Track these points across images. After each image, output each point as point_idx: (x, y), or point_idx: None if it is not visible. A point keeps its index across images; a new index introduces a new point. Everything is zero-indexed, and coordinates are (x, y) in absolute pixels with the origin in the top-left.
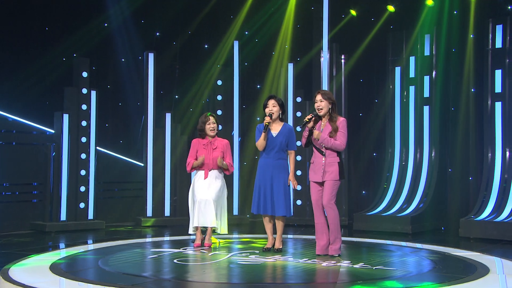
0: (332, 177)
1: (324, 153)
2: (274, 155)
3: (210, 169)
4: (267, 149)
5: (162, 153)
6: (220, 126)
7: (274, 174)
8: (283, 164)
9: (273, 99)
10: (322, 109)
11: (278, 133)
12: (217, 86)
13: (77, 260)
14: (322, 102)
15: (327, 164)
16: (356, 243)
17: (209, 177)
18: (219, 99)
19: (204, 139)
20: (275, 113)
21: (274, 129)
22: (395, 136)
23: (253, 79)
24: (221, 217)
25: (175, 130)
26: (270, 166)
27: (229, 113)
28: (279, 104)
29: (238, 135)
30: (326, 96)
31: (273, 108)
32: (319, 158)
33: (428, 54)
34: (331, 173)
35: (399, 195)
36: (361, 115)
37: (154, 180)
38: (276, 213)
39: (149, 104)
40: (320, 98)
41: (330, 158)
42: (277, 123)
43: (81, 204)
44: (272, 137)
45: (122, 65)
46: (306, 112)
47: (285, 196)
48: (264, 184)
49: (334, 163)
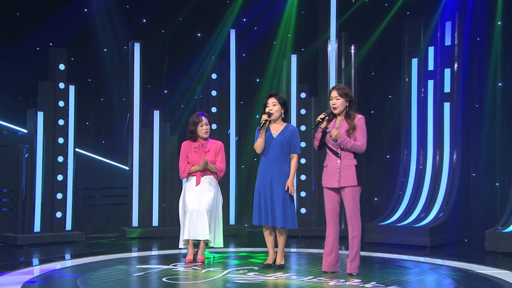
0: (349, 183)
1: (339, 155)
2: (275, 158)
3: (203, 175)
4: (267, 152)
5: (150, 155)
6: (214, 125)
7: (274, 180)
8: (285, 169)
9: (273, 97)
10: (337, 107)
11: (279, 134)
12: (212, 80)
13: (52, 280)
14: (338, 99)
15: (342, 167)
16: (367, 258)
17: (201, 184)
18: (213, 95)
19: (196, 141)
20: (275, 112)
21: (275, 130)
22: (411, 137)
23: (252, 72)
24: (215, 229)
25: (164, 130)
26: (270, 171)
27: (224, 110)
28: (280, 102)
29: (235, 134)
30: (342, 92)
31: (273, 107)
32: (333, 161)
33: (450, 43)
34: (348, 178)
35: (416, 203)
36: (373, 112)
37: (141, 185)
38: (278, 224)
39: (135, 100)
40: (336, 95)
41: (346, 161)
42: (278, 124)
43: (57, 213)
44: (272, 138)
45: (105, 56)
46: (311, 109)
47: (288, 206)
48: (264, 191)
49: (350, 166)
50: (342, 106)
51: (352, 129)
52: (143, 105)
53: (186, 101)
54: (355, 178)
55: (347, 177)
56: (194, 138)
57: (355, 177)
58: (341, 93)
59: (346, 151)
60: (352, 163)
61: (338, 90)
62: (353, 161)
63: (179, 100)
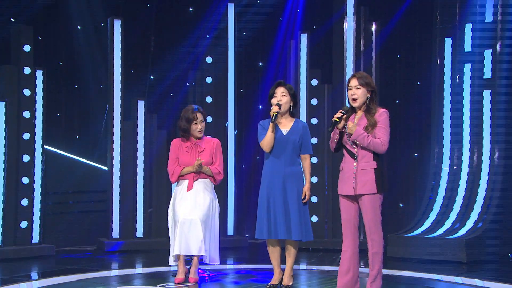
0: (367, 190)
1: (356, 157)
2: (286, 159)
3: (197, 178)
4: (276, 152)
5: (133, 154)
6: (209, 117)
7: (288, 185)
8: (298, 172)
9: (282, 86)
10: (357, 99)
11: (289, 130)
12: (206, 65)
13: None
14: (358, 89)
15: (359, 171)
16: (391, 278)
17: (194, 189)
18: (208, 82)
19: (188, 140)
20: (284, 104)
21: (284, 126)
22: (443, 131)
23: (254, 55)
24: (210, 242)
25: (150, 123)
26: (280, 174)
27: (221, 100)
28: (290, 93)
29: (234, 128)
30: (364, 81)
31: (282, 98)
32: (349, 164)
33: (491, 20)
34: (365, 184)
35: (450, 211)
36: (398, 102)
37: (122, 189)
38: (294, 236)
39: (115, 87)
40: (356, 84)
41: (364, 163)
42: (287, 119)
43: (22, 223)
44: (282, 135)
45: (79, 35)
46: (324, 99)
47: (303, 215)
48: (274, 198)
49: (368, 170)
50: (362, 97)
51: (372, 126)
52: (125, 94)
53: (176, 89)
54: (374, 184)
55: (364, 183)
56: (186, 137)
57: (374, 183)
58: (362, 82)
59: (364, 149)
60: (370, 166)
61: (359, 79)
62: (372, 164)
63: (168, 88)
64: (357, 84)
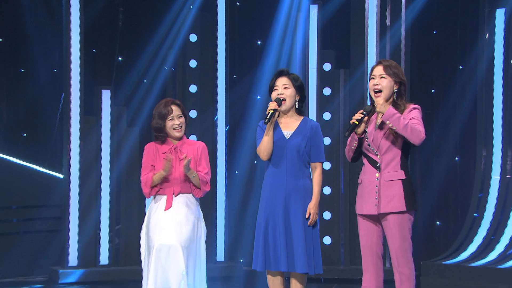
0: (394, 207)
1: (378, 165)
2: (289, 170)
3: (177, 193)
4: (277, 160)
5: (96, 158)
6: (193, 112)
7: (291, 203)
8: (306, 186)
9: (284, 76)
10: (381, 91)
11: (294, 132)
12: (190, 44)
13: None
14: (383, 78)
15: (383, 183)
16: None
17: (174, 207)
18: (192, 66)
19: (165, 143)
20: (287, 98)
21: (288, 127)
22: (493, 129)
23: (251, 32)
24: (195, 274)
25: (118, 118)
26: (282, 189)
27: (209, 88)
28: (295, 85)
29: (225, 123)
30: (391, 70)
31: (284, 91)
32: (370, 175)
33: None
34: (391, 200)
35: (501, 232)
36: (434, 92)
37: (83, 202)
38: (298, 268)
39: (72, 72)
40: (381, 73)
41: (388, 173)
42: (292, 117)
43: None
44: (283, 139)
45: (24, 5)
46: (339, 88)
47: (311, 241)
48: (274, 221)
49: (395, 182)
50: (388, 89)
51: None
52: (86, 80)
53: (151, 74)
54: (403, 199)
55: (390, 198)
56: (162, 139)
57: (403, 198)
58: (390, 72)
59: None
60: (397, 177)
61: (386, 68)
62: (399, 174)
63: (141, 73)
64: (383, 73)
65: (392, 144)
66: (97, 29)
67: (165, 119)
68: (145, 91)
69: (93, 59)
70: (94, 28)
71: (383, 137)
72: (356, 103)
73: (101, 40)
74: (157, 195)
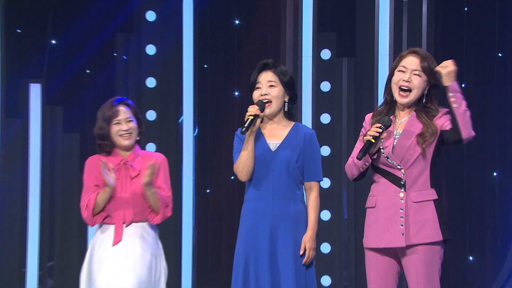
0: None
1: (403, 183)
2: (277, 191)
3: (128, 223)
4: (260, 178)
5: (22, 172)
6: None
7: (277, 235)
8: (298, 212)
9: (269, 70)
10: (411, 90)
11: (282, 143)
12: (147, 24)
13: None
14: (417, 76)
15: (411, 206)
16: None
17: (125, 241)
18: (150, 53)
19: (112, 155)
20: (273, 100)
21: (274, 136)
22: None
23: (226, 8)
24: None
25: (52, 122)
26: (267, 217)
27: (172, 82)
28: (283, 81)
29: (194, 127)
30: (429, 65)
31: (269, 91)
32: (391, 195)
33: None
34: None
35: None
36: (465, 86)
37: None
38: None
39: None
40: (416, 67)
41: (417, 192)
42: (279, 123)
43: None
44: (269, 152)
45: None
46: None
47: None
48: (256, 256)
49: (427, 204)
50: (420, 90)
51: (431, 134)
52: (8, 71)
53: (95, 63)
54: (438, 226)
55: (422, 224)
56: (107, 149)
57: (437, 224)
58: (427, 66)
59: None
60: (429, 196)
61: (424, 62)
62: (431, 193)
63: (81, 61)
64: (419, 67)
65: (421, 155)
66: (23, 4)
67: (109, 123)
68: (88, 85)
69: (17, 42)
70: (19, 3)
71: (410, 147)
72: (363, 101)
73: (28, 17)
74: (103, 224)
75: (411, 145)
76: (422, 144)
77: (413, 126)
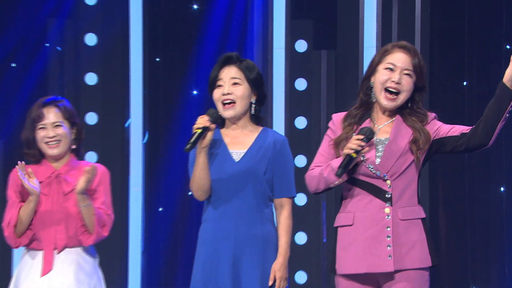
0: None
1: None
2: (241, 209)
3: (61, 249)
4: (221, 194)
5: None
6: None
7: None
8: (266, 235)
9: (233, 65)
10: (400, 92)
11: (247, 152)
12: (86, 9)
13: None
14: (407, 76)
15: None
16: None
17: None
18: (90, 43)
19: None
20: (237, 100)
21: (238, 143)
22: None
23: None
24: None
25: None
26: (229, 238)
27: (117, 78)
28: (249, 78)
29: (143, 132)
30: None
31: (232, 90)
32: (374, 210)
33: None
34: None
35: None
36: (466, 84)
37: None
38: None
39: None
40: (407, 67)
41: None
42: (244, 128)
43: None
44: (231, 162)
45: None
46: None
47: None
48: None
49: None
50: (408, 93)
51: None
52: None
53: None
54: (427, 249)
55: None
56: (34, 158)
57: (427, 247)
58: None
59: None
60: (416, 214)
61: (415, 57)
62: (418, 210)
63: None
64: (409, 67)
65: (413, 164)
66: None
67: (35, 128)
68: (14, 82)
69: None
70: None
71: (400, 155)
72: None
73: None
74: (30, 249)
75: (402, 153)
76: (416, 152)
77: (401, 132)
